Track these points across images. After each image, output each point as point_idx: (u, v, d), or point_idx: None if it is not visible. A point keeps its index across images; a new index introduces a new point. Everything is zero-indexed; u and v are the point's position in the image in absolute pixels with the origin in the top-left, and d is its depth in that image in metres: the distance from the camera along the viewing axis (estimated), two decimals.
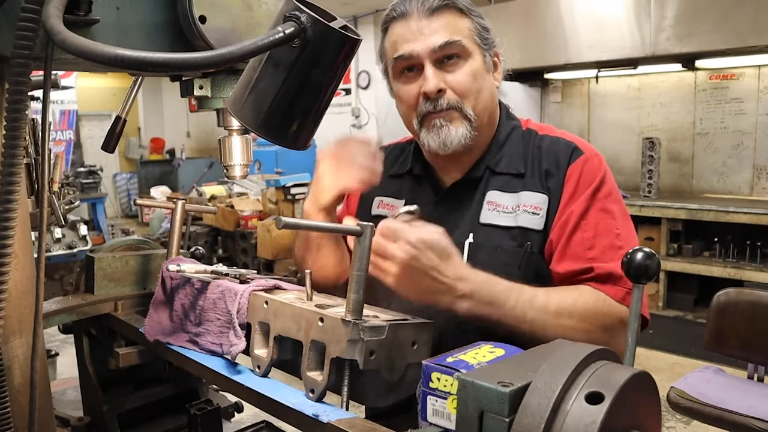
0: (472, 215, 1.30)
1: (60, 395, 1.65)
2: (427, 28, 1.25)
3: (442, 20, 1.25)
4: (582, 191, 1.25)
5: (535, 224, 1.25)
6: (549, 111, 7.40)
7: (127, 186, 12.76)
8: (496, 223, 1.28)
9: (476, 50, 1.29)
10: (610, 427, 0.61)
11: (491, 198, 1.30)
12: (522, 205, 1.27)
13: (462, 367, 0.79)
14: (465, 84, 1.26)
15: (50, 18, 0.68)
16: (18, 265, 0.88)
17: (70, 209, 1.94)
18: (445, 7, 1.26)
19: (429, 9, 1.25)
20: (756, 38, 4.91)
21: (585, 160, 1.28)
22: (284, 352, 1.02)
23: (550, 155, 1.30)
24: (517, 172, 1.31)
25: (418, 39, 1.25)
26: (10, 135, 0.72)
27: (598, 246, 1.20)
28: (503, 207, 1.28)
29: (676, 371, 4.18)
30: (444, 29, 1.25)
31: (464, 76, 1.26)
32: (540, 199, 1.26)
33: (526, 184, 1.28)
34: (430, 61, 1.26)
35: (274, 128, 0.84)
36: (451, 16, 1.26)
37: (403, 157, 1.49)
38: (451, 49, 1.25)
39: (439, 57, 1.26)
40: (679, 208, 5.57)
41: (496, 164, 1.33)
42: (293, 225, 0.93)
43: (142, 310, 1.37)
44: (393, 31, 1.31)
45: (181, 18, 0.93)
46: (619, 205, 1.28)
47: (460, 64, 1.27)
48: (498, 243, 1.26)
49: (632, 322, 0.84)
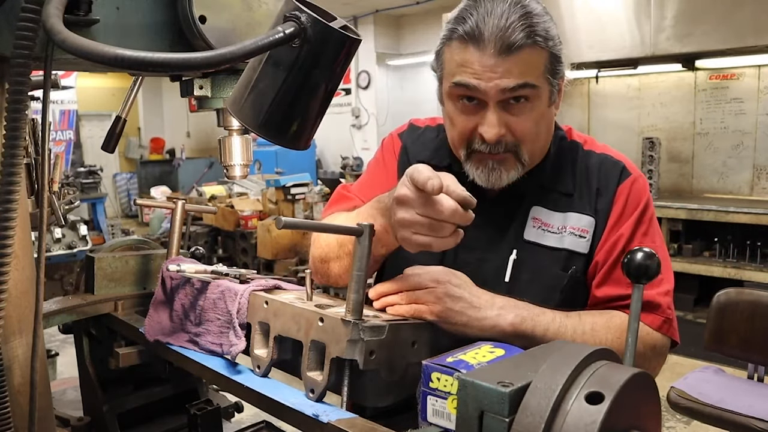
0: (516, 230, 1.24)
1: (60, 395, 1.65)
2: (500, 67, 1.10)
3: (519, 59, 1.10)
4: (629, 214, 1.22)
5: (581, 247, 1.21)
6: None
7: (127, 186, 12.77)
8: (541, 242, 1.22)
9: (545, 87, 1.16)
10: (610, 427, 0.61)
11: (536, 214, 1.24)
12: (569, 226, 1.22)
13: (462, 367, 0.79)
14: (527, 130, 1.16)
15: (50, 18, 0.68)
16: (18, 265, 0.88)
17: (70, 209, 1.94)
18: (525, 46, 1.10)
19: (508, 47, 1.09)
20: (756, 38, 4.91)
21: (633, 181, 1.24)
22: (284, 352, 1.02)
23: (599, 175, 1.25)
24: (566, 191, 1.25)
25: (487, 77, 1.11)
26: (10, 135, 0.72)
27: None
28: (550, 226, 1.23)
29: (676, 371, 4.17)
30: (518, 68, 1.10)
31: (528, 122, 1.16)
32: (587, 221, 1.22)
33: (574, 205, 1.23)
34: (494, 102, 1.13)
35: (274, 128, 0.84)
36: (528, 54, 1.11)
37: (438, 145, 1.36)
38: (523, 91, 1.12)
39: (507, 98, 1.13)
40: (679, 208, 5.57)
41: (545, 179, 1.27)
42: (293, 225, 0.93)
43: (142, 310, 1.37)
44: (459, 51, 1.13)
45: (181, 18, 0.93)
46: (657, 229, 1.26)
47: (527, 108, 1.15)
48: (543, 264, 1.21)
49: (632, 322, 0.84)
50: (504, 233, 1.25)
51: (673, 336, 1.21)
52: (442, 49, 1.19)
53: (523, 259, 1.22)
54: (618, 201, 1.22)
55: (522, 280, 1.20)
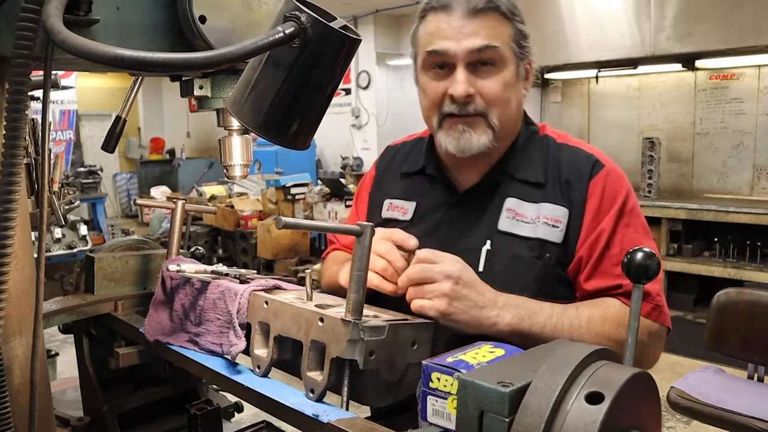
0: (490, 221, 1.26)
1: (60, 395, 1.65)
2: (467, 27, 1.19)
3: (485, 22, 1.20)
4: (609, 206, 1.23)
5: (554, 237, 1.22)
6: (549, 111, 7.40)
7: (127, 186, 12.77)
8: (515, 232, 1.24)
9: (512, 59, 1.24)
10: (610, 427, 0.61)
11: (510, 206, 1.27)
12: (542, 216, 1.24)
13: (462, 367, 0.79)
14: (496, 92, 1.22)
15: (50, 18, 0.68)
16: (18, 265, 0.88)
17: (70, 209, 1.94)
18: (490, 9, 1.20)
19: (473, 8, 1.19)
20: (756, 38, 4.91)
21: (607, 174, 1.26)
22: (284, 352, 1.02)
23: (571, 167, 1.27)
24: (537, 181, 1.27)
25: (456, 38, 1.20)
26: (10, 135, 0.72)
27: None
28: (523, 216, 1.25)
29: (676, 371, 4.17)
30: (485, 32, 1.20)
31: (496, 84, 1.22)
32: (561, 212, 1.24)
33: (546, 196, 1.26)
34: (463, 64, 1.21)
35: (274, 128, 0.84)
36: (495, 19, 1.21)
37: (414, 154, 1.44)
38: (488, 54, 1.20)
39: (474, 61, 1.21)
40: (679, 208, 5.57)
41: (515, 170, 1.30)
42: (293, 225, 0.93)
43: (142, 310, 1.37)
44: (431, 22, 1.24)
45: (181, 18, 0.93)
46: (641, 220, 1.27)
47: (494, 71, 1.22)
48: (516, 252, 1.23)
49: (632, 322, 0.84)
50: (478, 225, 1.28)
51: (664, 322, 1.22)
52: (417, 28, 1.29)
53: (497, 249, 1.24)
54: (593, 194, 1.24)
55: (496, 269, 1.22)
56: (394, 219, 1.37)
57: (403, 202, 1.39)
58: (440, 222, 1.32)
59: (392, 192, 1.42)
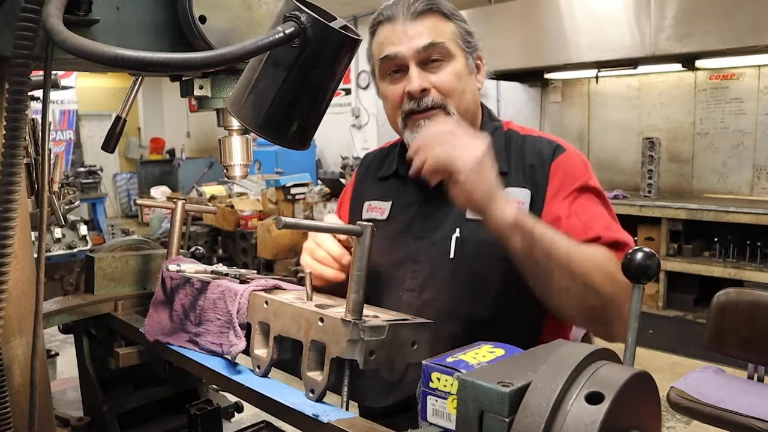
0: (459, 212, 1.31)
1: (60, 395, 1.65)
2: (411, 30, 1.29)
3: (426, 23, 1.29)
4: (570, 184, 1.27)
5: None
6: (549, 111, 7.40)
7: (127, 186, 12.76)
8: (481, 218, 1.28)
9: (459, 52, 1.32)
10: (610, 427, 0.61)
11: None
12: None
13: (462, 367, 0.79)
14: (449, 83, 1.29)
15: (50, 18, 0.68)
16: (18, 265, 0.88)
17: (70, 209, 1.94)
18: (429, 11, 1.29)
19: (414, 12, 1.29)
20: (756, 38, 4.91)
21: (568, 156, 1.31)
22: (284, 352, 1.02)
23: (533, 152, 1.33)
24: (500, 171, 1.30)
25: (402, 41, 1.29)
26: (10, 135, 0.72)
27: (596, 226, 1.22)
28: None
29: (676, 371, 4.17)
30: (428, 31, 1.29)
31: (448, 75, 1.30)
32: (523, 194, 1.28)
33: (510, 181, 1.30)
34: (414, 62, 1.29)
35: (274, 128, 0.84)
36: (435, 19, 1.30)
37: (390, 159, 1.52)
38: (435, 50, 1.28)
39: (423, 58, 1.29)
40: (679, 208, 5.57)
41: None
42: (293, 225, 0.93)
43: (142, 310, 1.37)
44: (380, 34, 1.35)
45: (181, 18, 0.93)
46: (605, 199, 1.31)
47: (444, 65, 1.30)
48: (484, 237, 1.24)
49: (632, 322, 0.84)
50: (448, 216, 1.34)
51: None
52: (370, 44, 1.39)
53: (465, 235, 1.30)
54: (555, 174, 1.29)
55: (466, 254, 1.28)
56: (373, 219, 1.44)
57: (381, 203, 1.46)
58: (414, 217, 1.39)
59: (370, 195, 1.50)
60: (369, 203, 1.49)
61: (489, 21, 6.40)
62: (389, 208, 1.43)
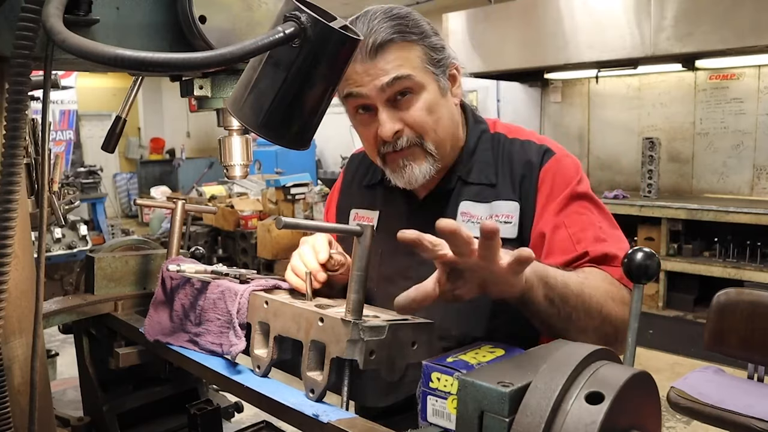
0: None
1: (60, 395, 1.65)
2: (372, 68, 1.19)
3: (388, 57, 1.19)
4: (559, 192, 1.23)
5: (508, 233, 1.22)
6: (549, 111, 7.40)
7: (127, 186, 12.77)
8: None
9: (429, 79, 1.23)
10: (610, 427, 0.61)
11: (465, 209, 1.29)
12: (494, 215, 1.25)
13: (462, 367, 0.79)
14: (421, 120, 1.22)
15: (50, 18, 0.68)
16: (18, 265, 0.88)
17: (70, 209, 1.94)
18: (389, 42, 1.18)
19: (372, 49, 1.18)
20: (756, 38, 4.91)
21: (557, 161, 1.26)
22: (284, 352, 1.02)
23: (522, 160, 1.28)
24: (489, 182, 1.29)
25: (365, 81, 1.19)
26: (10, 135, 0.72)
27: (585, 239, 1.19)
28: (477, 218, 1.26)
29: (676, 371, 4.18)
30: (390, 66, 1.18)
31: (419, 111, 1.21)
32: (512, 207, 1.25)
33: (499, 194, 1.27)
34: (381, 102, 1.21)
35: (274, 128, 0.84)
36: (397, 50, 1.19)
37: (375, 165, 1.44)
38: (402, 84, 1.19)
39: (390, 96, 1.21)
40: (679, 208, 5.57)
41: (467, 174, 1.31)
42: (293, 225, 0.93)
43: (142, 310, 1.37)
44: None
45: (181, 18, 0.93)
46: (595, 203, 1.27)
47: (414, 99, 1.21)
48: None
49: (632, 322, 0.85)
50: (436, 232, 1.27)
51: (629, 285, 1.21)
52: None
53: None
54: (544, 182, 1.24)
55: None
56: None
57: (368, 212, 1.43)
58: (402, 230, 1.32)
59: (357, 202, 1.46)
60: (356, 211, 1.45)
61: (489, 21, 6.40)
62: (377, 219, 1.39)
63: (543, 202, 1.23)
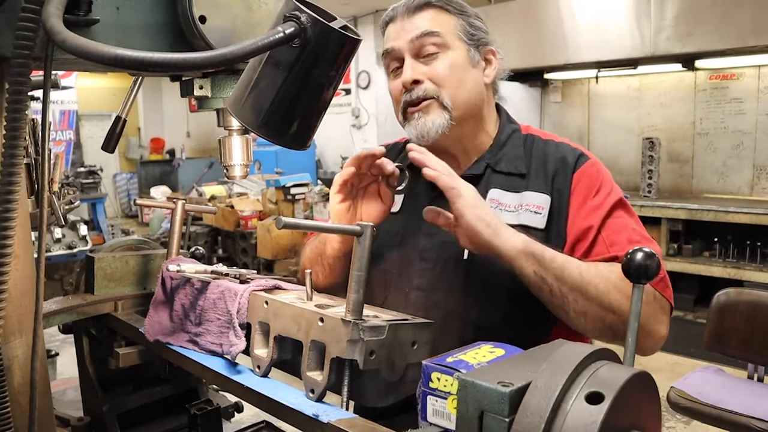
0: None
1: (60, 395, 1.65)
2: (409, 24, 1.31)
3: (423, 17, 1.30)
4: (594, 198, 1.25)
5: (537, 222, 1.25)
6: (549, 111, 7.41)
7: (127, 186, 12.76)
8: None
9: (458, 44, 1.31)
10: (610, 427, 0.61)
11: (494, 196, 1.30)
12: (525, 204, 1.27)
13: (462, 367, 0.79)
14: (442, 73, 1.29)
15: (50, 18, 0.68)
16: (18, 265, 0.88)
17: (70, 209, 1.94)
18: (427, 5, 1.31)
19: (410, 9, 1.31)
20: (756, 38, 4.91)
21: (592, 165, 1.29)
22: (284, 352, 1.02)
23: (556, 157, 1.31)
24: (518, 172, 1.31)
25: (400, 35, 1.31)
26: (10, 135, 0.72)
27: (618, 243, 1.21)
28: (506, 205, 1.28)
29: (676, 371, 4.18)
30: (423, 23, 1.30)
31: (442, 65, 1.29)
32: (543, 199, 1.27)
33: (529, 185, 1.29)
34: (409, 54, 1.30)
35: (274, 128, 0.84)
36: (433, 12, 1.31)
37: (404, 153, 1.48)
38: (429, 39, 1.29)
39: (418, 48, 1.30)
40: (679, 208, 5.57)
41: (496, 163, 1.34)
42: (293, 225, 0.93)
43: (142, 310, 1.37)
44: (385, 33, 1.38)
45: (181, 18, 0.93)
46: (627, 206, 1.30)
47: (439, 55, 1.30)
48: None
49: (632, 322, 0.84)
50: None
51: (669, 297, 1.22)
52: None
53: None
54: (580, 183, 1.27)
55: (480, 257, 1.24)
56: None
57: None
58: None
59: None
60: None
61: (489, 21, 6.27)
62: (401, 201, 1.41)
63: (578, 204, 1.26)
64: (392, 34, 1.34)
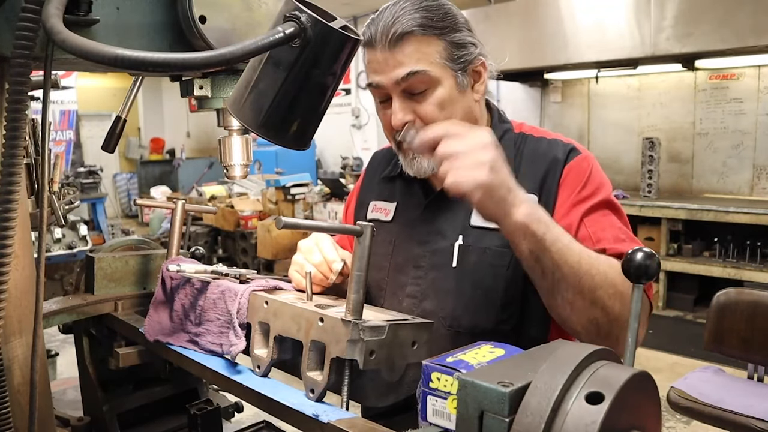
0: (463, 218, 1.29)
1: (60, 395, 1.65)
2: (391, 59, 1.20)
3: (406, 50, 1.19)
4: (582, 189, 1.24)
5: None
6: (549, 111, 7.40)
7: (127, 186, 12.77)
8: (485, 225, 1.23)
9: (446, 74, 1.23)
10: (610, 427, 0.61)
11: None
12: None
13: (462, 367, 0.79)
14: (432, 114, 1.22)
15: (50, 18, 0.68)
16: (18, 265, 0.88)
17: (70, 209, 1.94)
18: (409, 35, 1.19)
19: (391, 40, 1.19)
20: (756, 38, 4.91)
21: (583, 159, 1.27)
22: (284, 352, 1.02)
23: (547, 156, 1.29)
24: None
25: (383, 70, 1.22)
26: (10, 135, 0.72)
27: (605, 239, 1.19)
28: None
29: (676, 371, 4.18)
30: (408, 59, 1.19)
31: (431, 106, 1.22)
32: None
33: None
34: (397, 93, 1.22)
35: (274, 128, 0.84)
36: (416, 42, 1.19)
37: (395, 159, 1.46)
38: (416, 78, 1.20)
39: (405, 88, 1.22)
40: (679, 208, 5.57)
41: None
42: (293, 225, 0.93)
43: (142, 310, 1.37)
44: (366, 56, 1.27)
45: (181, 18, 0.93)
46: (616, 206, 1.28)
47: (428, 93, 1.22)
48: (487, 245, 1.25)
49: (632, 322, 0.84)
50: (451, 223, 1.31)
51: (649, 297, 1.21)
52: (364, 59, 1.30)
53: (469, 243, 1.27)
54: (568, 176, 1.25)
55: (468, 263, 1.24)
56: (378, 219, 1.42)
57: (385, 204, 1.44)
58: (416, 220, 1.36)
59: (376, 194, 1.48)
60: (375, 203, 1.47)
61: (489, 21, 6.40)
62: (393, 210, 1.41)
63: (565, 197, 1.23)
64: (374, 65, 1.23)
